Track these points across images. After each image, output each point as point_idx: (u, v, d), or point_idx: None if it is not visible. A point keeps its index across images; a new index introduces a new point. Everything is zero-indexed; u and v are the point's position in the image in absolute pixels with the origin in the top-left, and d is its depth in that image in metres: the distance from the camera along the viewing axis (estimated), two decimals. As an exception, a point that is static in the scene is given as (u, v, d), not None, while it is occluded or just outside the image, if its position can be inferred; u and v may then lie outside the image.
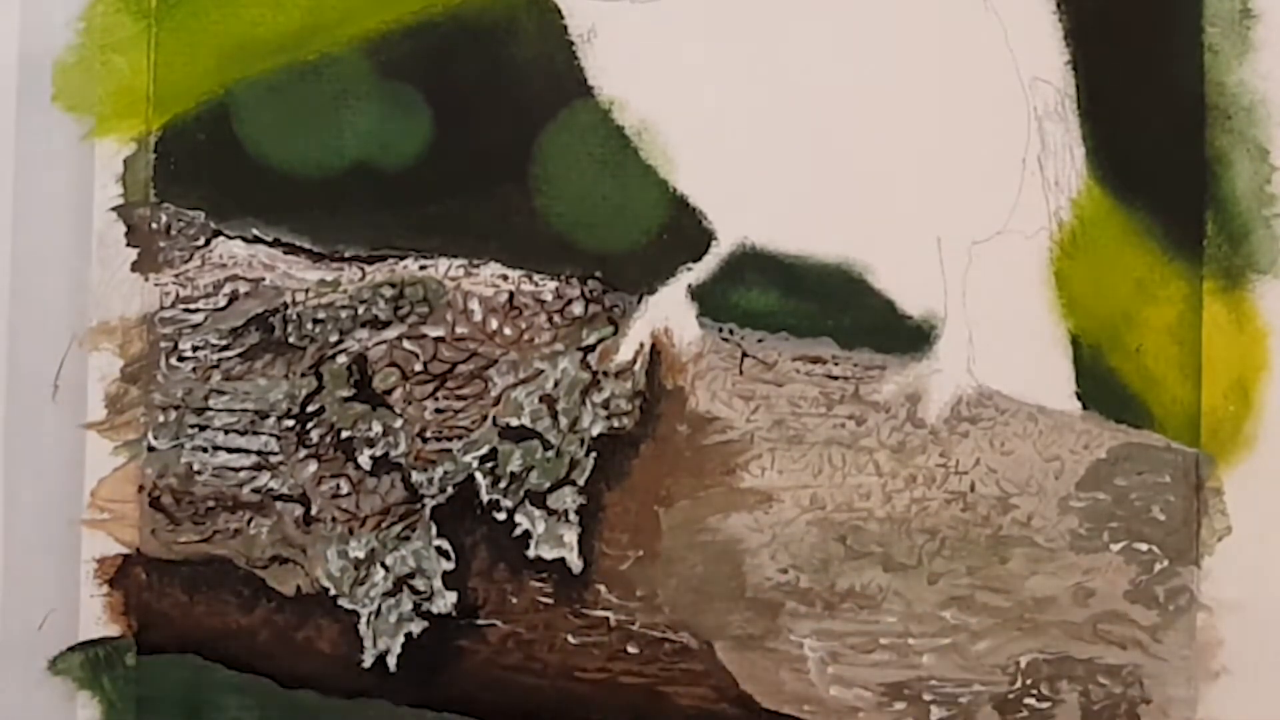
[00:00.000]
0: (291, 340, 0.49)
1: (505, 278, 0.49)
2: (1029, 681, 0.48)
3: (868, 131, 0.49)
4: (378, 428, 0.49)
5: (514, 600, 0.48)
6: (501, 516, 0.49)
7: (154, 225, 0.49)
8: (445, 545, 0.49)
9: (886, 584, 0.48)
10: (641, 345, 0.49)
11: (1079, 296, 0.48)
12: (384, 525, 0.49)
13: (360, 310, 0.49)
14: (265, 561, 0.49)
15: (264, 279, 0.49)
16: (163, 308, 0.49)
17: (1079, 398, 0.48)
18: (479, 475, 0.49)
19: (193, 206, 0.49)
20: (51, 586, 0.49)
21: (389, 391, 0.49)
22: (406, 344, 0.49)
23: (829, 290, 0.48)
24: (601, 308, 0.49)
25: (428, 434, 0.49)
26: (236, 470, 0.49)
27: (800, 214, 0.49)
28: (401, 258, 0.49)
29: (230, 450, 0.49)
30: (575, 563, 0.48)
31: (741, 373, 0.49)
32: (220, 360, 0.49)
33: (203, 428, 0.49)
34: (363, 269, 0.49)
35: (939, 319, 0.48)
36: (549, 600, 0.48)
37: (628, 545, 0.48)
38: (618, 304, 0.49)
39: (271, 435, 0.49)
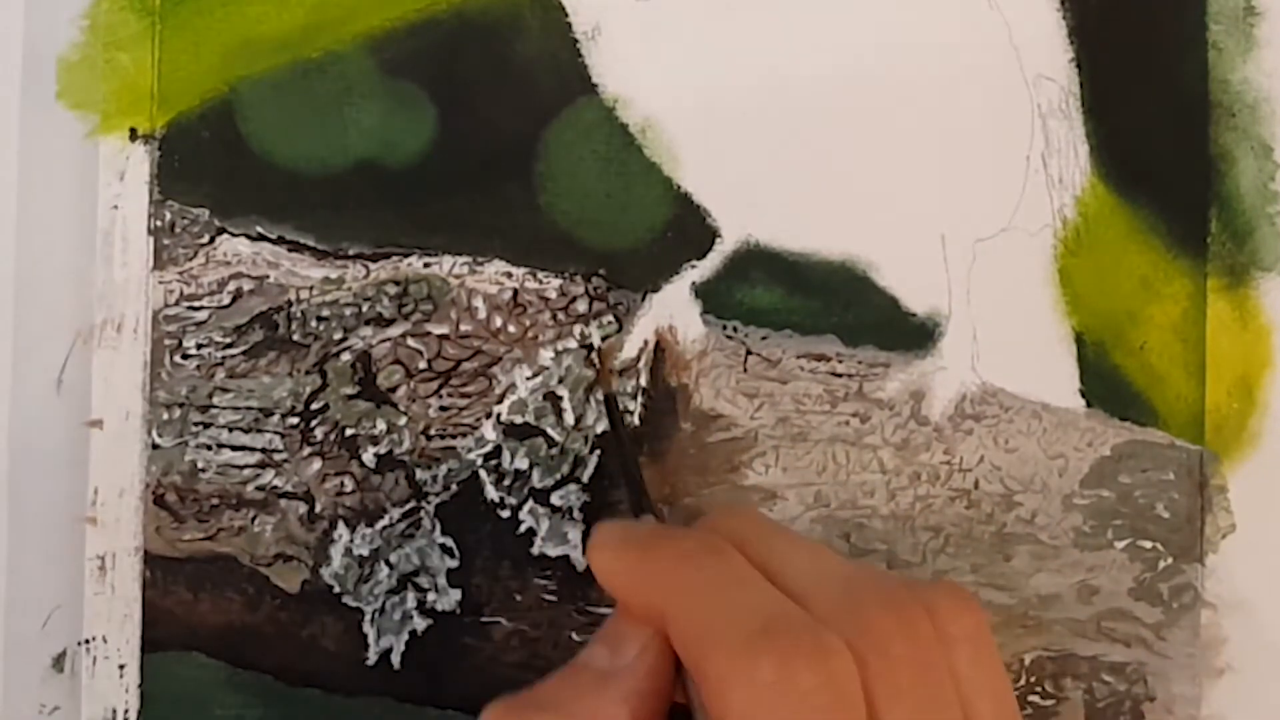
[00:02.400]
0: (296, 338, 0.49)
1: (509, 275, 0.49)
2: (1033, 679, 0.48)
3: (872, 129, 0.49)
4: (382, 425, 0.49)
5: (518, 598, 0.48)
6: (506, 514, 0.49)
7: (158, 223, 0.49)
8: (449, 543, 0.49)
9: (891, 581, 0.48)
10: (645, 343, 0.49)
11: (1083, 294, 0.48)
12: (388, 523, 0.49)
13: (364, 308, 0.49)
14: (269, 559, 0.49)
15: (268, 276, 0.49)
16: (167, 305, 0.49)
17: (1083, 395, 0.48)
18: (483, 473, 0.49)
19: (197, 204, 0.49)
20: (55, 585, 0.49)
21: (393, 389, 0.49)
22: (411, 341, 0.49)
23: (833, 287, 0.48)
24: (606, 305, 0.49)
25: (432, 431, 0.49)
26: (240, 468, 0.49)
27: (804, 211, 0.49)
28: (406, 255, 0.49)
29: (234, 448, 0.49)
30: (580, 560, 0.48)
31: (745, 370, 0.49)
32: (224, 358, 0.49)
33: (207, 425, 0.49)
34: (367, 266, 0.49)
35: (943, 316, 0.48)
36: (553, 598, 0.48)
37: (632, 543, 0.48)
38: (622, 301, 0.49)
39: (276, 433, 0.49)
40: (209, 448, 0.49)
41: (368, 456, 0.49)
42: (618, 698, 0.37)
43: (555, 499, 0.48)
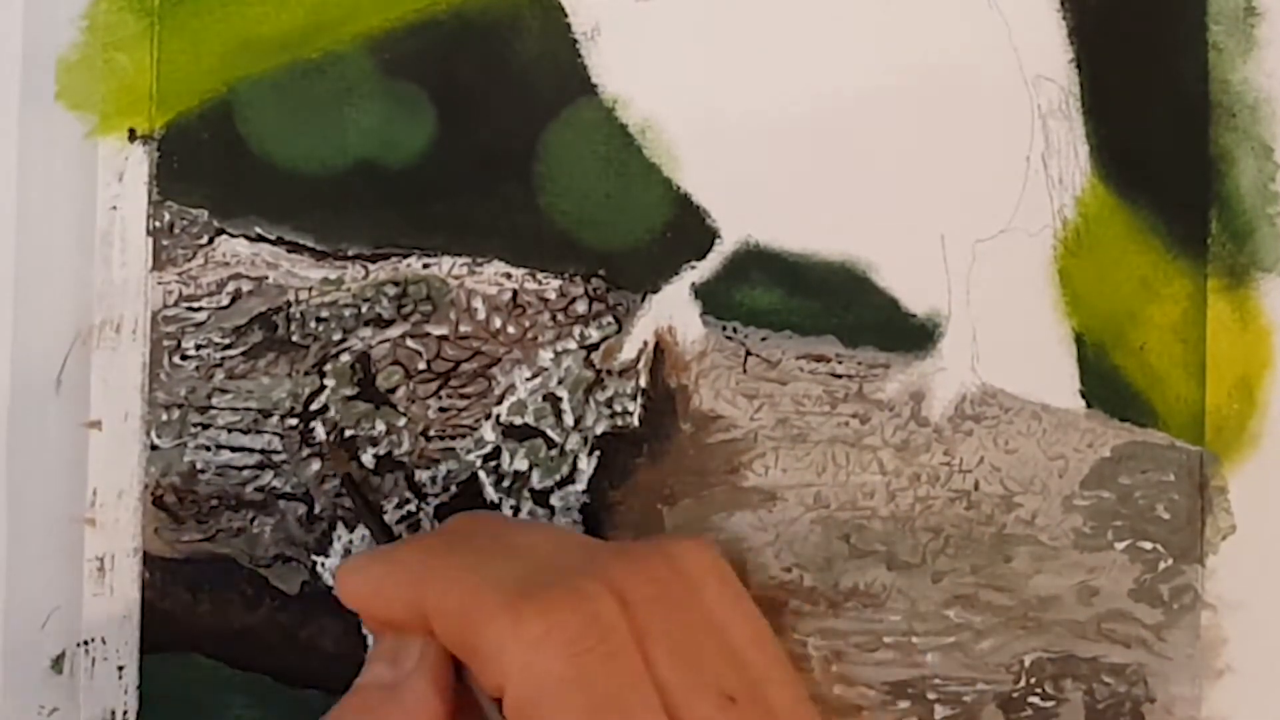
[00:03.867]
0: (295, 339, 0.49)
1: (509, 276, 0.49)
2: (1033, 680, 0.48)
3: (871, 129, 0.49)
4: (381, 426, 0.49)
5: (517, 599, 0.48)
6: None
7: (157, 224, 0.49)
8: (448, 544, 0.49)
9: (890, 582, 0.48)
10: (645, 344, 0.49)
11: (1083, 294, 0.48)
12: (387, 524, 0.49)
13: (363, 309, 0.49)
14: (269, 560, 0.49)
15: (267, 277, 0.49)
16: (166, 306, 0.49)
17: (1083, 396, 0.48)
18: (482, 474, 0.49)
19: (196, 205, 0.49)
20: (54, 585, 0.49)
21: (392, 390, 0.49)
22: (410, 342, 0.49)
23: (833, 288, 0.48)
24: (605, 306, 0.49)
25: (431, 432, 0.49)
26: (240, 469, 0.49)
27: (804, 212, 0.49)
28: (405, 256, 0.49)
29: (233, 449, 0.49)
30: (579, 561, 0.48)
31: (745, 371, 0.49)
32: (223, 359, 0.49)
33: (206, 426, 0.49)
34: (366, 267, 0.49)
35: (943, 317, 0.48)
36: (552, 599, 0.48)
37: (631, 544, 0.48)
38: (621, 302, 0.49)
39: (275, 434, 0.49)
40: (208, 449, 0.49)
41: (367, 458, 0.49)
42: (411, 707, 0.38)
43: (555, 500, 0.48)
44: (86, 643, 0.49)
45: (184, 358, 0.49)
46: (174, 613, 0.49)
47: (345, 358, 0.49)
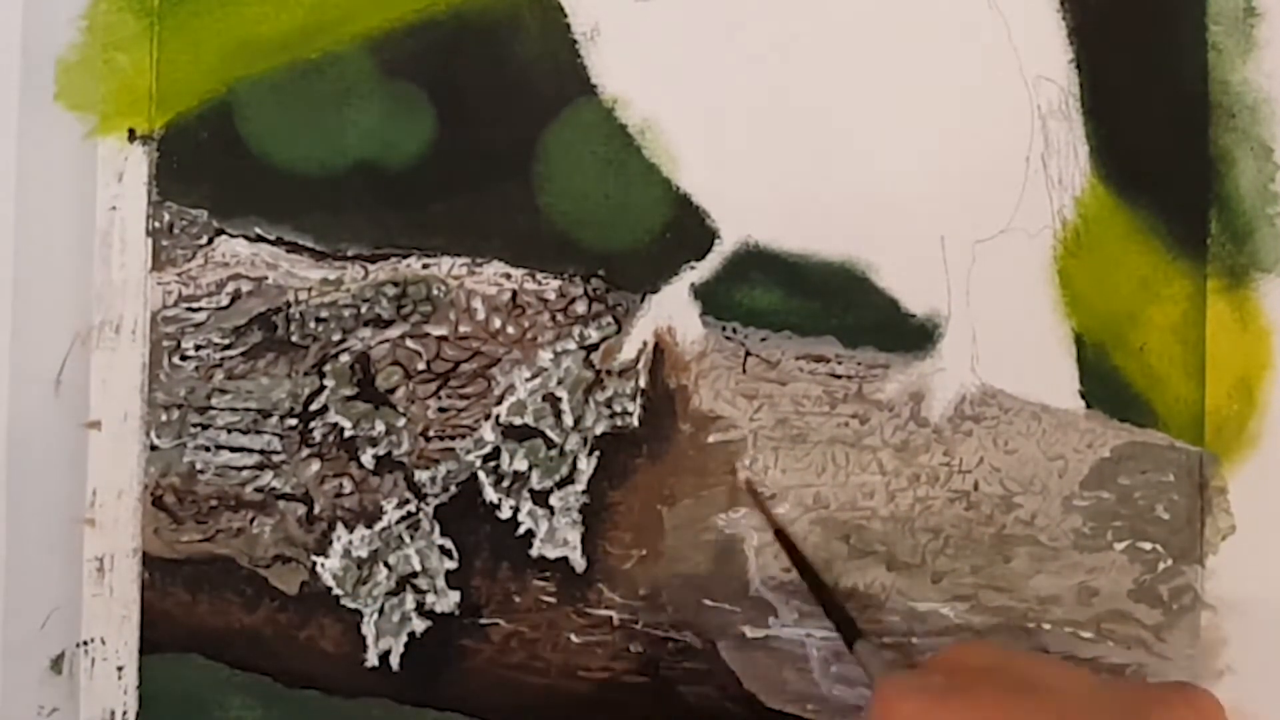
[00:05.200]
0: (294, 339, 0.49)
1: (508, 276, 0.49)
2: (1033, 681, 0.48)
3: (871, 130, 0.48)
4: (381, 427, 0.49)
5: (517, 599, 0.48)
6: (504, 515, 0.49)
7: (157, 224, 0.49)
8: (448, 544, 0.49)
9: (890, 583, 0.48)
10: (645, 344, 0.49)
11: (1083, 295, 0.48)
12: (387, 524, 0.49)
13: (363, 309, 0.49)
14: (268, 561, 0.49)
15: (266, 278, 0.49)
16: (165, 306, 0.49)
17: (1083, 396, 0.48)
18: (482, 474, 0.49)
19: (195, 205, 0.49)
20: (54, 586, 0.49)
21: (392, 390, 0.49)
22: (409, 343, 0.49)
23: (832, 289, 0.48)
24: (605, 306, 0.49)
25: (430, 433, 0.49)
26: (239, 469, 0.49)
27: (804, 212, 0.48)
28: (404, 256, 0.49)
29: (233, 449, 0.49)
30: (578, 562, 0.48)
31: (745, 371, 0.49)
32: (223, 359, 0.49)
33: (205, 427, 0.49)
34: (365, 268, 0.49)
35: (942, 318, 0.48)
36: (552, 599, 0.48)
37: (631, 544, 0.48)
38: (621, 302, 0.49)
39: (274, 434, 0.49)
40: (207, 449, 0.49)
41: (366, 458, 0.49)
42: None
43: (554, 500, 0.48)
44: (86, 643, 0.49)
45: (183, 358, 0.49)
46: (173, 613, 0.49)
47: (345, 358, 0.49)
